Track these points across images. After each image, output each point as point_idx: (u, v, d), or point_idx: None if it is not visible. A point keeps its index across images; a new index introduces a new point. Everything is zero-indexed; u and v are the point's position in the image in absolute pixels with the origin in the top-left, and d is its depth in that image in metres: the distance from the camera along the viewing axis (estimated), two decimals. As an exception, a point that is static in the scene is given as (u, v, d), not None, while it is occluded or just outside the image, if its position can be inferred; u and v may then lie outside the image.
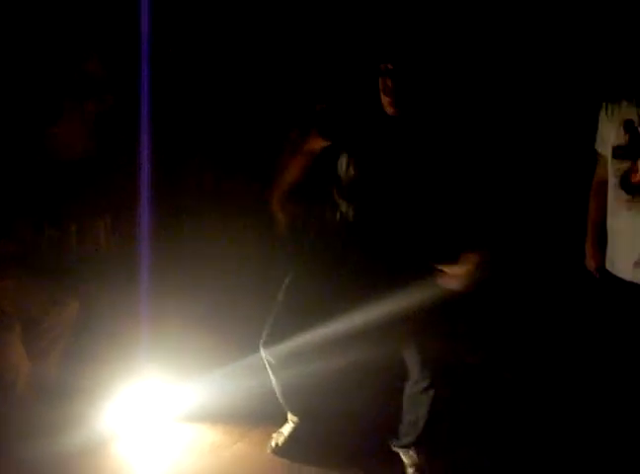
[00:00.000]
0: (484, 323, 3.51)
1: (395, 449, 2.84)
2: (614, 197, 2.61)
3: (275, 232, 2.90)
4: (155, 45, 3.54)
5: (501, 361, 3.50)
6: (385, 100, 2.49)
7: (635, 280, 2.55)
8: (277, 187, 2.84)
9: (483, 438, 3.00)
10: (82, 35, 3.53)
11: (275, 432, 2.96)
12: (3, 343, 2.84)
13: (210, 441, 2.98)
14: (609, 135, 2.63)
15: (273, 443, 2.90)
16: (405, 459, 2.80)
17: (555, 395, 3.28)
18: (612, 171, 2.62)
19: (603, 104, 2.67)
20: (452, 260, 2.53)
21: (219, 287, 3.65)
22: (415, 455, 2.78)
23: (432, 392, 2.67)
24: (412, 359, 2.68)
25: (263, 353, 2.79)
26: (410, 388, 2.74)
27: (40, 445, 2.77)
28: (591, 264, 2.82)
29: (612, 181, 2.62)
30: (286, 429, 2.93)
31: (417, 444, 2.78)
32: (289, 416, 2.94)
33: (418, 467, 2.76)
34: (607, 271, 2.69)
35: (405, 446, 2.80)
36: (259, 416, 3.09)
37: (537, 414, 3.16)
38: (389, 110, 2.50)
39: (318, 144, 2.70)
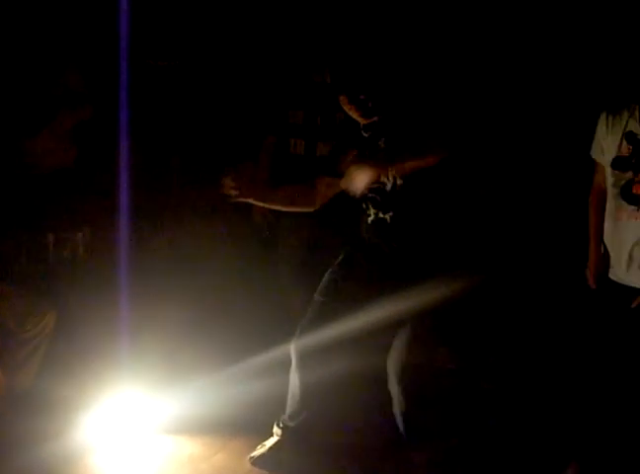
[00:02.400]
0: (468, 330, 3.53)
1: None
2: (616, 207, 2.61)
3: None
4: (133, 55, 3.55)
5: (481, 370, 3.52)
6: (354, 114, 2.70)
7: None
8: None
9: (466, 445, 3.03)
10: (61, 47, 3.53)
11: (254, 442, 2.94)
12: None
13: (189, 453, 2.96)
14: (610, 146, 2.63)
15: (253, 454, 2.89)
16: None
17: (538, 404, 3.28)
18: (612, 181, 2.62)
19: (604, 114, 2.66)
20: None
21: (199, 297, 3.65)
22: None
23: (406, 393, 2.78)
24: (395, 361, 2.78)
25: (293, 345, 2.82)
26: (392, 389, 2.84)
27: (16, 458, 2.73)
28: (591, 271, 2.79)
29: (613, 191, 2.62)
30: (270, 441, 2.92)
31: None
32: (275, 429, 2.93)
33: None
34: (609, 278, 2.69)
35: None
36: (238, 427, 3.08)
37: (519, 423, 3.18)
38: (361, 120, 2.71)
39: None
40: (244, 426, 3.08)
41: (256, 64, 3.97)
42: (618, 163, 2.61)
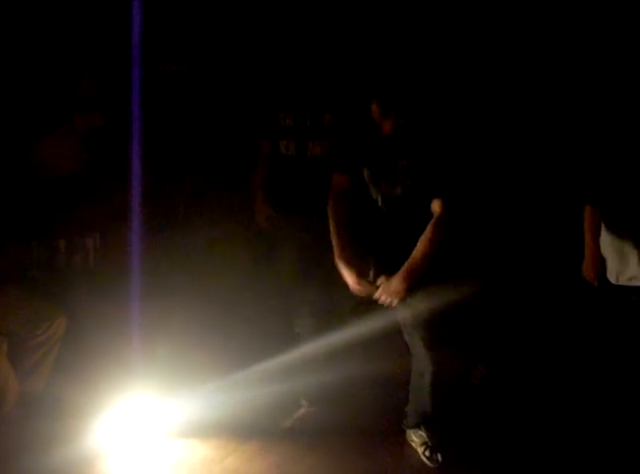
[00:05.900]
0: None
1: (406, 429, 2.96)
2: None
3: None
4: (143, 60, 3.57)
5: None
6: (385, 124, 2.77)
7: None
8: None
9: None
10: (74, 54, 3.56)
11: (265, 445, 2.96)
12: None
13: (201, 457, 2.95)
14: None
15: None
16: (415, 438, 2.91)
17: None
18: None
19: None
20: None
21: (210, 301, 3.65)
22: (424, 434, 2.88)
23: (434, 383, 2.81)
24: (418, 353, 2.81)
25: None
26: (415, 380, 2.88)
27: (28, 463, 2.74)
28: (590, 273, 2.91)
29: None
30: None
31: (426, 424, 2.89)
32: None
33: (428, 446, 2.85)
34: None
35: (414, 426, 2.92)
36: (249, 430, 3.08)
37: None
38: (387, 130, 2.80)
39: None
40: (255, 429, 3.08)
41: (250, 69, 3.99)
42: None
